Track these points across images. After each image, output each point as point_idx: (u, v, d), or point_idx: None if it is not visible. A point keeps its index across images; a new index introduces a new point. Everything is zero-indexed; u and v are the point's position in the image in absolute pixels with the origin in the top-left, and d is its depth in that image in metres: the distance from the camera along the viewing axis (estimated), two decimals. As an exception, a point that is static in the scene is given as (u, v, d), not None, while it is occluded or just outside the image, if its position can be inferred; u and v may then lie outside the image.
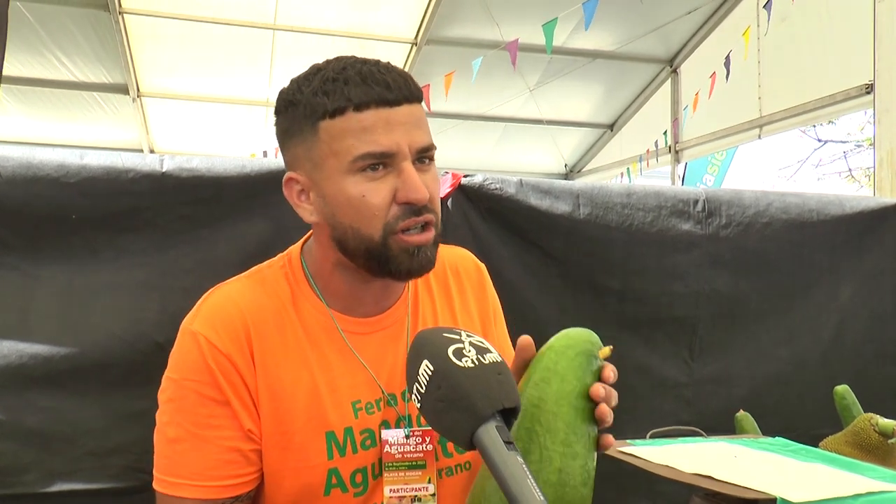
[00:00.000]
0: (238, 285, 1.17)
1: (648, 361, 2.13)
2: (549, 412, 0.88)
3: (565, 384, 0.90)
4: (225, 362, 1.08)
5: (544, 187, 2.04)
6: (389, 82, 1.04)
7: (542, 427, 0.87)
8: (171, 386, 1.11)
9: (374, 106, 1.03)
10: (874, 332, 2.30)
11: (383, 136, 1.03)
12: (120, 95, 6.73)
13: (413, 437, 1.15)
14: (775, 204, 2.21)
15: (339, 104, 1.03)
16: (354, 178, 1.04)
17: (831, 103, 4.96)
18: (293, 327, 1.14)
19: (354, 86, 1.03)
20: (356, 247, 1.07)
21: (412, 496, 1.13)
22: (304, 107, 1.06)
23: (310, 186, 1.09)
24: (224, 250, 1.74)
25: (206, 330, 1.09)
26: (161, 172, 1.68)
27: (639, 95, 7.53)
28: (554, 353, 0.92)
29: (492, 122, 7.58)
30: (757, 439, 1.34)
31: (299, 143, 1.08)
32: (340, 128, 1.03)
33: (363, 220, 1.06)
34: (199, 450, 1.08)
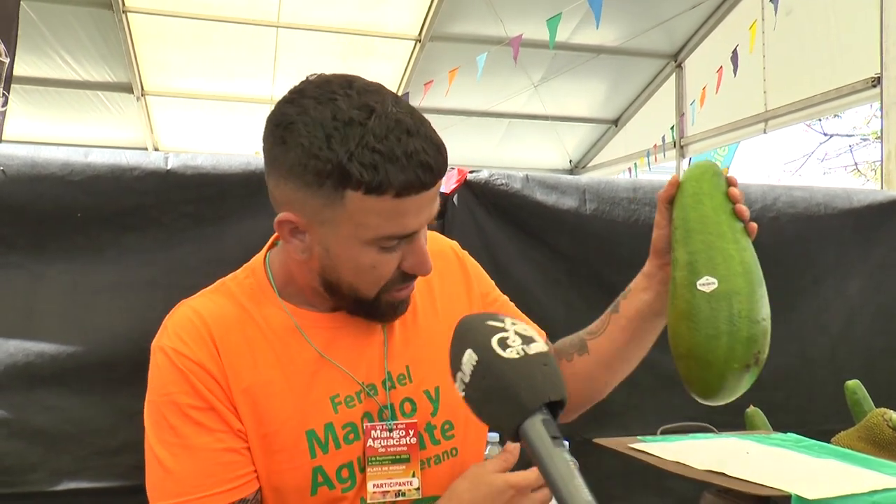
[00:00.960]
0: (201, 299, 1.16)
1: (656, 357, 2.10)
2: (713, 222, 1.04)
3: (715, 198, 1.06)
4: (199, 370, 1.06)
5: (550, 182, 2.03)
6: (432, 165, 0.97)
7: (714, 234, 1.02)
8: (152, 407, 1.09)
9: (414, 193, 0.97)
10: (883, 326, 2.29)
11: (413, 220, 1.00)
12: (124, 94, 6.74)
13: (396, 430, 1.13)
14: (782, 198, 2.19)
15: (381, 187, 0.95)
16: (369, 249, 1.01)
17: (837, 97, 4.93)
18: (260, 330, 1.12)
19: (400, 170, 0.95)
20: (346, 296, 1.08)
21: (396, 490, 1.12)
22: (333, 167, 0.95)
23: (309, 231, 1.04)
24: (229, 248, 1.73)
25: (173, 342, 1.09)
26: (166, 170, 1.68)
27: (643, 91, 7.50)
28: (694, 181, 1.08)
29: (496, 119, 7.56)
30: (768, 435, 1.33)
31: (310, 193, 0.98)
32: (372, 207, 0.97)
33: (364, 284, 1.05)
34: (192, 460, 1.05)
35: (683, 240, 1.05)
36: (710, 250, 1.02)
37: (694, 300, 1.01)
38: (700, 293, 0.99)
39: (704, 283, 1.00)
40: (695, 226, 1.05)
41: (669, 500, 2.02)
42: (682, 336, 1.00)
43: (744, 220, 1.07)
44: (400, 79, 6.72)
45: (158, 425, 1.07)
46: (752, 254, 1.03)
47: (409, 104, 1.02)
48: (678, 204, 1.08)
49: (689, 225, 1.05)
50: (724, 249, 1.01)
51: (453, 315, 1.14)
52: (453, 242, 1.38)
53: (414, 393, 1.17)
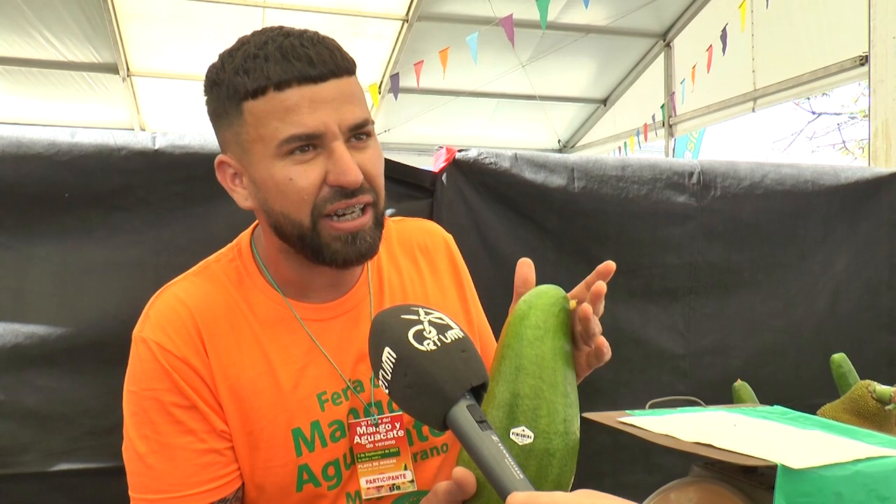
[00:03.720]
0: (185, 284, 1.12)
1: (644, 333, 2.14)
2: (549, 368, 0.91)
3: (558, 339, 0.93)
4: (182, 366, 1.04)
5: (539, 161, 2.03)
6: (313, 57, 0.97)
7: (546, 383, 0.90)
8: (132, 398, 1.05)
9: (297, 84, 0.96)
10: (869, 302, 2.31)
11: (308, 117, 0.97)
12: (109, 75, 6.68)
13: (382, 424, 1.11)
14: (770, 175, 2.21)
15: (260, 84, 0.96)
16: (282, 163, 0.99)
17: (825, 75, 4.95)
18: (247, 322, 1.09)
19: (274, 63, 0.96)
20: (290, 233, 1.03)
21: (390, 484, 1.11)
22: (226, 87, 0.99)
23: (241, 171, 1.04)
24: (218, 228, 1.72)
25: (157, 335, 1.05)
26: (154, 150, 1.67)
27: (632, 70, 7.50)
28: (542, 313, 0.94)
29: (485, 98, 7.55)
30: (755, 408, 1.35)
31: (227, 125, 1.02)
32: (263, 109, 0.97)
33: (292, 205, 1.00)
34: (172, 459, 1.03)
35: (511, 376, 0.91)
36: (536, 399, 0.89)
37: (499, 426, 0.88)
38: (512, 443, 0.86)
39: (520, 434, 0.88)
40: (529, 366, 0.91)
41: (658, 475, 2.03)
42: (477, 477, 0.83)
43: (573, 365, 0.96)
44: (388, 59, 6.69)
45: (139, 418, 1.04)
46: (576, 410, 0.92)
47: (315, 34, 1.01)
48: (517, 328, 0.94)
49: (523, 363, 0.91)
50: (552, 402, 0.89)
51: (445, 311, 1.12)
52: (448, 236, 1.32)
53: None
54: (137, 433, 1.04)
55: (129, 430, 1.05)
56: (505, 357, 0.92)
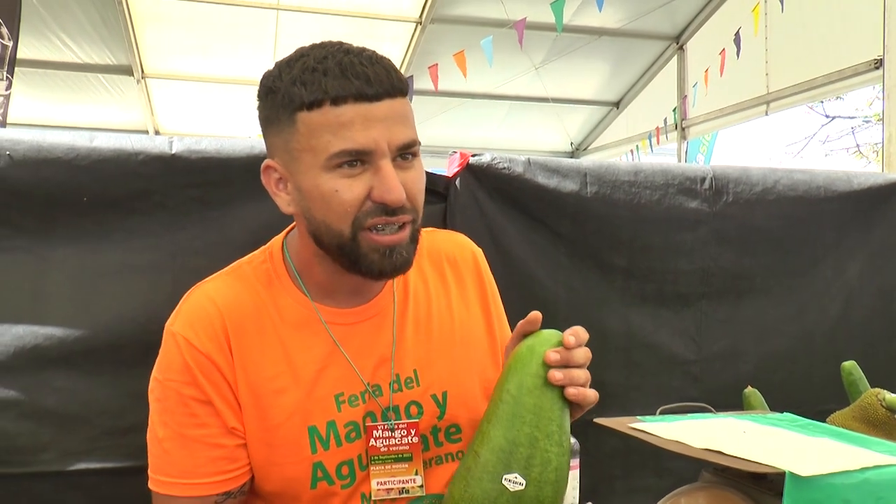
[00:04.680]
0: (217, 283, 1.18)
1: (656, 338, 2.14)
2: (546, 418, 0.94)
3: (556, 390, 0.96)
4: (205, 361, 1.09)
5: (552, 166, 2.05)
6: (370, 76, 1.01)
7: (542, 433, 0.93)
8: (157, 386, 1.13)
9: (352, 101, 1.00)
10: (882, 308, 2.31)
11: (360, 133, 1.00)
12: (124, 77, 6.72)
13: (398, 430, 1.14)
14: (783, 181, 2.21)
15: (317, 97, 1.00)
16: (330, 175, 1.02)
17: (840, 79, 4.93)
18: (273, 323, 1.13)
19: (333, 78, 1.00)
20: (329, 242, 1.06)
21: (399, 488, 1.14)
22: (282, 96, 1.03)
23: (287, 177, 1.08)
24: (234, 231, 1.75)
25: (184, 330, 1.11)
26: (170, 154, 1.69)
27: (645, 73, 7.49)
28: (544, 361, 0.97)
29: (498, 101, 7.55)
30: (765, 415, 1.35)
31: (277, 132, 1.06)
32: (317, 122, 1.01)
33: (334, 216, 1.04)
34: (186, 448, 1.10)
35: (508, 423, 0.94)
36: (532, 448, 0.93)
37: (493, 492, 0.92)
38: (503, 488, 0.90)
39: (512, 481, 0.92)
40: (526, 415, 0.94)
41: (668, 479, 2.03)
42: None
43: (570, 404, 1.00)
44: (401, 61, 6.70)
45: (161, 405, 1.12)
46: (567, 459, 0.96)
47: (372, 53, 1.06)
48: (519, 375, 0.96)
49: (521, 411, 0.94)
50: (545, 452, 0.93)
51: (469, 324, 1.22)
52: (478, 250, 1.36)
53: (421, 397, 1.17)
54: (159, 418, 1.11)
55: (153, 414, 1.13)
56: (503, 401, 0.93)
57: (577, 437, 1.87)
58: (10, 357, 1.60)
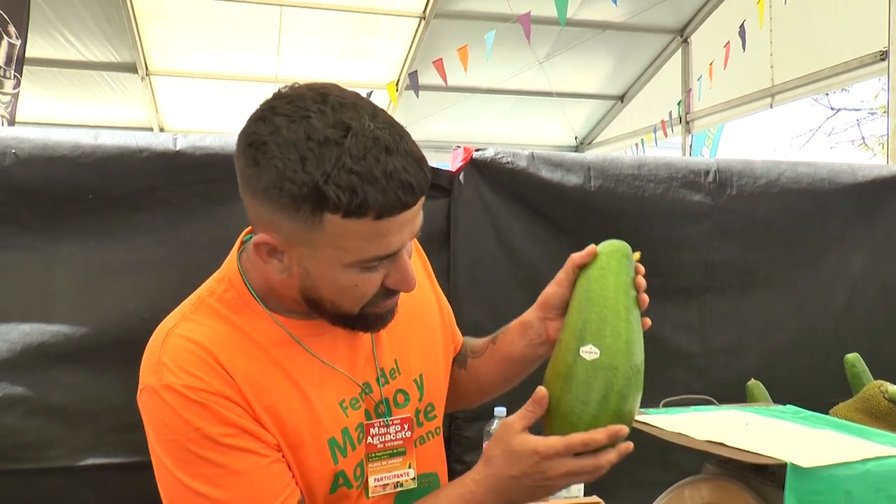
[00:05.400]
0: (187, 325, 1.07)
1: (660, 332, 2.14)
2: (611, 299, 1.08)
3: (620, 277, 1.10)
4: (218, 398, 1.01)
5: (555, 160, 2.05)
6: (414, 185, 0.93)
7: (609, 310, 1.07)
8: (173, 447, 1.01)
9: (396, 213, 0.93)
10: (886, 302, 2.30)
11: (395, 239, 0.96)
12: (128, 74, 6.73)
13: (392, 425, 1.15)
14: (786, 174, 2.20)
15: (360, 211, 0.91)
16: (351, 271, 0.98)
17: (845, 70, 4.90)
18: (259, 347, 1.07)
19: (378, 191, 0.90)
20: (330, 313, 1.04)
21: (395, 482, 1.15)
22: (309, 190, 0.90)
23: (288, 252, 0.99)
24: (238, 227, 1.74)
25: (182, 379, 1.00)
26: (175, 151, 1.70)
27: (649, 66, 7.47)
28: (605, 257, 1.13)
29: (502, 95, 7.54)
30: (768, 407, 1.36)
31: (288, 217, 0.94)
32: (352, 229, 0.93)
33: (347, 302, 1.02)
34: (244, 485, 1.01)
35: (580, 307, 1.09)
36: (601, 322, 1.06)
37: (574, 364, 1.04)
38: (581, 359, 1.03)
39: (588, 351, 1.04)
40: (595, 297, 1.09)
41: (673, 472, 2.04)
42: (553, 393, 1.04)
43: (640, 308, 1.12)
44: (405, 57, 6.70)
45: (188, 462, 1.00)
46: (639, 339, 1.08)
47: (388, 117, 0.96)
48: (585, 273, 1.13)
49: (590, 295, 1.09)
50: (615, 326, 1.06)
51: (425, 303, 1.24)
52: None
53: (405, 384, 1.19)
54: (192, 477, 1.00)
55: (180, 477, 1.01)
56: (577, 293, 1.11)
57: (581, 431, 1.88)
58: (18, 354, 1.61)
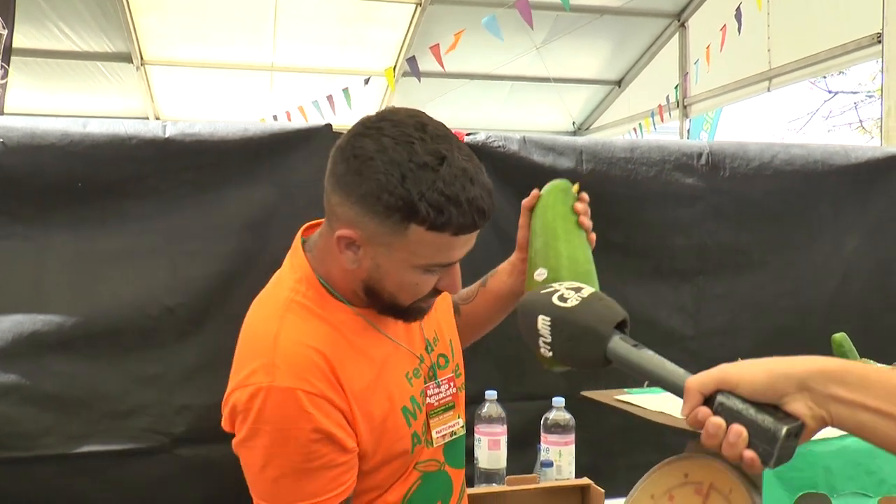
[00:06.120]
0: (294, 326, 1.19)
1: (654, 314, 2.15)
2: (550, 227, 1.28)
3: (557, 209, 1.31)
4: (324, 404, 1.15)
5: (547, 144, 2.05)
6: (486, 210, 1.12)
7: (550, 237, 1.27)
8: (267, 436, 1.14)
9: (468, 232, 1.13)
10: (879, 282, 2.30)
11: (458, 252, 1.16)
12: (123, 64, 6.72)
13: (443, 384, 1.35)
14: (780, 156, 2.20)
15: (443, 226, 1.09)
16: (417, 272, 1.16)
17: (842, 53, 4.88)
18: (348, 342, 1.22)
19: (461, 214, 1.09)
20: (385, 302, 1.21)
21: (450, 432, 1.35)
22: (404, 203, 1.08)
23: (364, 247, 1.15)
24: (230, 214, 1.76)
25: (296, 383, 1.14)
26: (164, 138, 1.70)
27: (646, 51, 7.44)
28: (545, 195, 1.34)
29: (499, 81, 7.52)
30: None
31: (377, 220, 1.11)
32: (431, 240, 1.11)
33: (405, 296, 1.20)
34: (307, 479, 1.15)
35: (531, 240, 1.33)
36: (545, 248, 1.28)
37: (531, 287, 1.25)
38: (535, 282, 1.25)
39: (539, 274, 1.26)
40: (538, 229, 1.31)
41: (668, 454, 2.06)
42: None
43: (584, 229, 1.32)
44: (401, 43, 6.68)
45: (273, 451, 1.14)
46: (583, 252, 1.28)
47: (469, 150, 1.16)
48: (533, 213, 1.34)
49: (535, 228, 1.32)
50: (556, 248, 1.26)
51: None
52: None
53: (444, 349, 1.39)
54: (268, 462, 1.15)
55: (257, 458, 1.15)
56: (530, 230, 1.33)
57: (576, 415, 1.89)
58: (10, 343, 1.62)
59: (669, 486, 1.06)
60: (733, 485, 0.94)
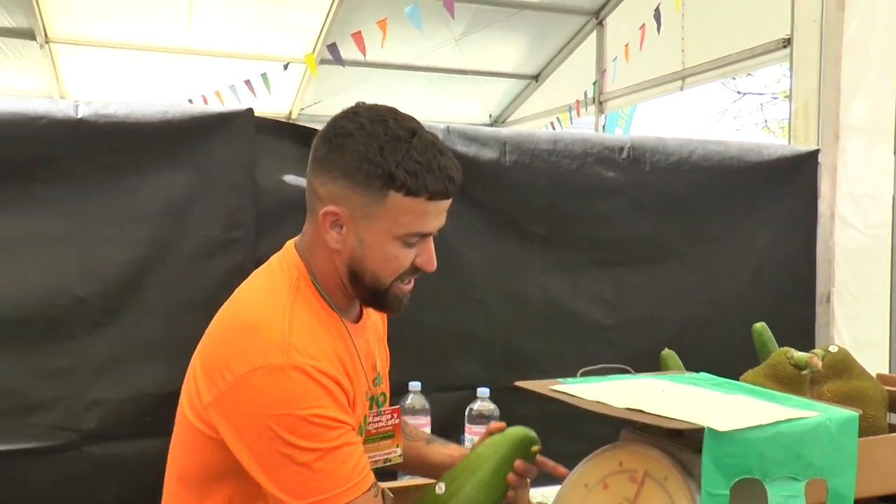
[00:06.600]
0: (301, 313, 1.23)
1: (575, 305, 2.18)
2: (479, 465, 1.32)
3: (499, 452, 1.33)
4: (334, 385, 1.18)
5: (471, 134, 2.05)
6: (455, 179, 1.22)
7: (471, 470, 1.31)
8: (289, 420, 1.14)
9: (441, 198, 1.21)
10: (788, 274, 2.40)
11: (434, 221, 1.24)
12: (26, 41, 6.38)
13: (384, 414, 1.42)
14: (698, 151, 2.26)
15: (419, 190, 1.18)
16: (397, 243, 1.22)
17: (751, 56, 5.05)
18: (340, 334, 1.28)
19: (435, 179, 1.19)
20: (366, 284, 1.26)
21: (384, 459, 1.42)
22: (383, 171, 1.17)
23: (347, 224, 1.22)
24: (146, 200, 1.69)
25: (312, 361, 1.17)
26: (76, 119, 1.62)
27: (564, 47, 7.54)
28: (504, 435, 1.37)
29: (417, 72, 7.50)
30: (682, 374, 1.39)
31: (359, 191, 1.19)
32: (408, 206, 1.19)
33: (386, 272, 1.24)
34: (337, 459, 1.16)
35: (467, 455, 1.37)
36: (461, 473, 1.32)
37: (430, 490, 1.34)
38: (432, 490, 1.33)
39: (439, 487, 1.32)
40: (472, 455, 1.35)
41: (585, 443, 2.08)
42: None
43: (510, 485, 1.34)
44: (320, 29, 6.58)
45: (301, 434, 1.14)
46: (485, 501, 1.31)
47: (434, 133, 1.26)
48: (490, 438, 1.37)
49: (473, 451, 1.36)
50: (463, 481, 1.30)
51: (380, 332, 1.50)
52: None
53: (384, 386, 1.45)
54: (299, 448, 1.14)
55: (286, 446, 1.14)
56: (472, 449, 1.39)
57: (496, 403, 1.90)
58: None
59: (603, 474, 1.07)
60: (668, 472, 0.96)
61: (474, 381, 1.94)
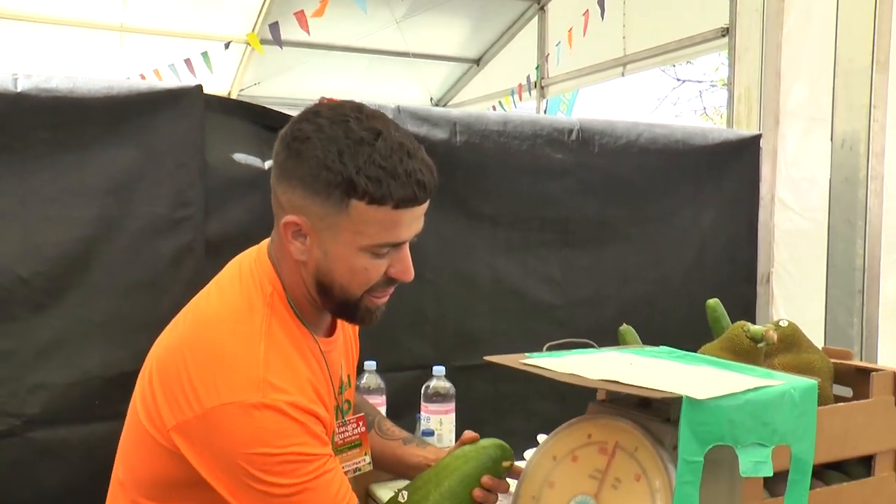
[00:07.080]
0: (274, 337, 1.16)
1: (523, 285, 2.21)
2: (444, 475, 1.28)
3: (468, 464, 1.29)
4: (311, 418, 1.12)
5: (422, 114, 2.05)
6: (426, 184, 1.11)
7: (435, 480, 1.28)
8: (266, 459, 1.08)
9: (410, 206, 1.11)
10: (732, 255, 2.47)
11: (405, 230, 1.13)
12: (-51, 15, 6.12)
13: (350, 424, 1.37)
14: (645, 135, 2.30)
15: (383, 198, 1.08)
16: (364, 255, 1.13)
17: (690, 44, 5.15)
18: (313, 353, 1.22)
19: (400, 186, 1.08)
20: (336, 297, 1.18)
21: (354, 468, 1.39)
22: (342, 178, 1.08)
23: (311, 235, 1.13)
24: (92, 177, 1.65)
25: (288, 397, 1.10)
26: (16, 93, 1.57)
27: (506, 31, 7.57)
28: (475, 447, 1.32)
29: (358, 53, 7.43)
30: (643, 348, 1.42)
31: (318, 201, 1.10)
32: (372, 216, 1.09)
33: (355, 284, 1.16)
34: (323, 489, 1.12)
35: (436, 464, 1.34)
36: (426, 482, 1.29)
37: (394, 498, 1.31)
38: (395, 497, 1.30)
39: (401, 496, 1.29)
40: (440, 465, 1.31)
41: (535, 422, 2.11)
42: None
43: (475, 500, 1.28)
44: (261, 7, 6.46)
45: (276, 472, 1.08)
46: None
47: (407, 131, 1.16)
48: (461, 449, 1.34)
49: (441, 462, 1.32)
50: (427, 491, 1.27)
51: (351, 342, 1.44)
52: None
53: (349, 395, 1.40)
54: (274, 484, 1.08)
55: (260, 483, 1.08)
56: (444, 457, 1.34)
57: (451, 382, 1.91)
58: None
59: (572, 447, 1.08)
60: (639, 443, 0.98)
61: (427, 360, 1.95)
